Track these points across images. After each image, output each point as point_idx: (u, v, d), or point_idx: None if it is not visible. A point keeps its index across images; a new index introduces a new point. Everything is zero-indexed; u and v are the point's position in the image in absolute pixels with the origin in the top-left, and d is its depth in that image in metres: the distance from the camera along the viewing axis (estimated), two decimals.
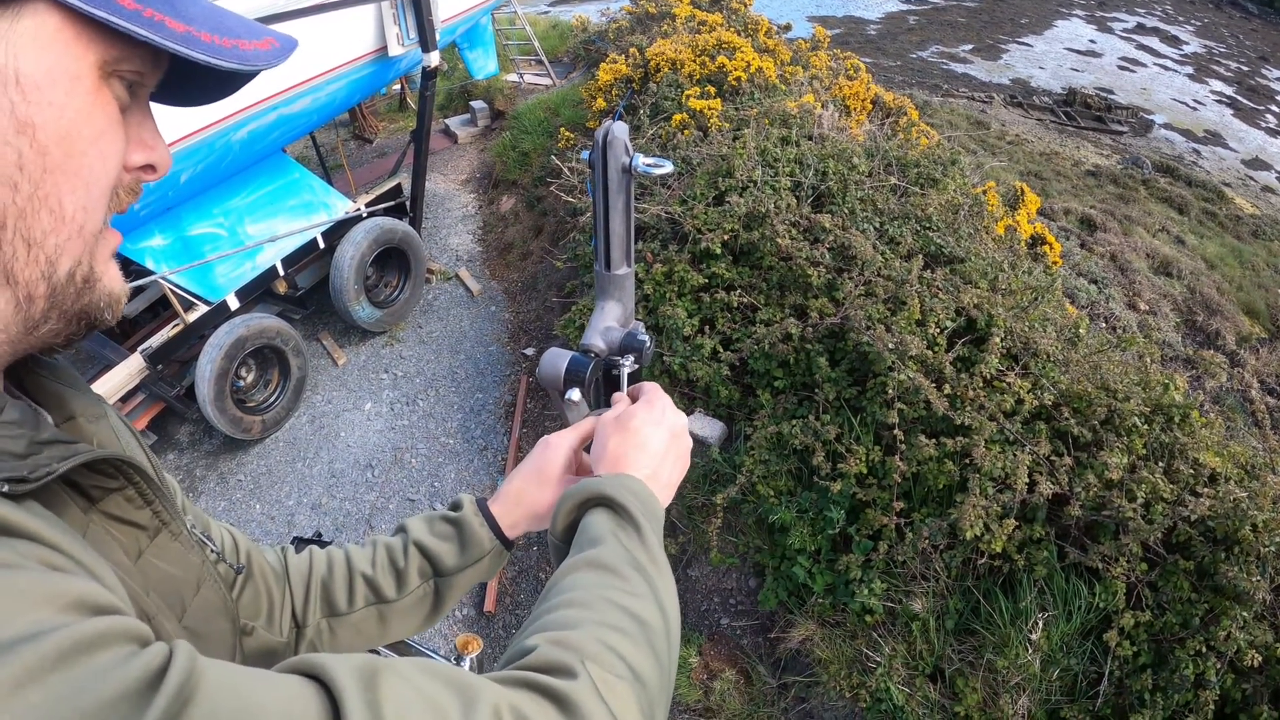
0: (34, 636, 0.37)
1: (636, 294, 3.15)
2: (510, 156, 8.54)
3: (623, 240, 1.04)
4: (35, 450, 0.51)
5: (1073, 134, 15.94)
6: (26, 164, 0.51)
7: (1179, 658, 2.41)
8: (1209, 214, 11.91)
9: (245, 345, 5.20)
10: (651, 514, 0.81)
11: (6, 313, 0.54)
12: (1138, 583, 2.60)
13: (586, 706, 0.54)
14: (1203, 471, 2.73)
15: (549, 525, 0.98)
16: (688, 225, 3.80)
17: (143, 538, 0.66)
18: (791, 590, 3.31)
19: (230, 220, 5.47)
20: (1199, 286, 8.43)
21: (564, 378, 1.03)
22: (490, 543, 1.00)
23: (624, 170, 0.97)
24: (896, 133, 5.01)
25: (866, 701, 2.86)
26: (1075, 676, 2.65)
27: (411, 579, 1.00)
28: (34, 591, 0.40)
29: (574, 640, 0.60)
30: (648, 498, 0.82)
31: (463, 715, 0.48)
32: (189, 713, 0.38)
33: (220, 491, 5.35)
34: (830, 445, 3.04)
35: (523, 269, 7.26)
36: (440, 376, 6.24)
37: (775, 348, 3.31)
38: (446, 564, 1.00)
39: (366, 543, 1.04)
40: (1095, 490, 2.64)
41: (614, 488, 0.80)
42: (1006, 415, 2.87)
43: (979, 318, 3.14)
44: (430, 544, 1.00)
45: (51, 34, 0.51)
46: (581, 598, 0.67)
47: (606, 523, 0.77)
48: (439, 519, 1.03)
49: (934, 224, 3.74)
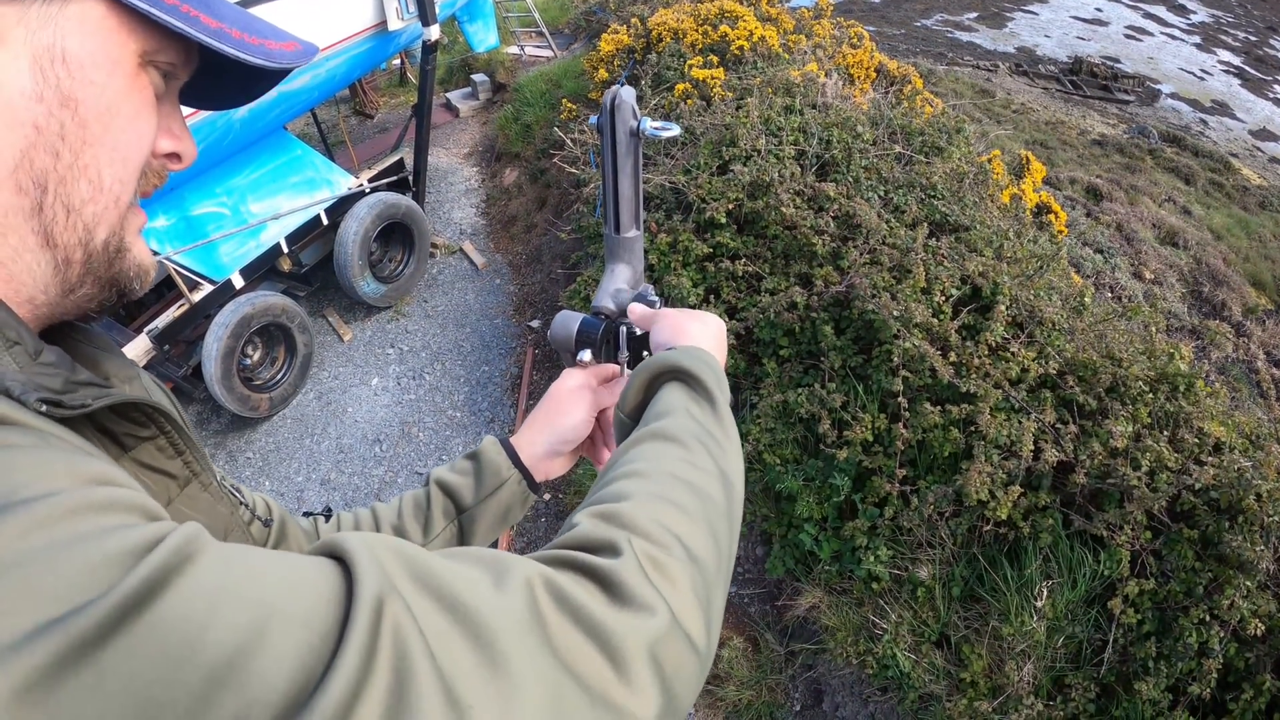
0: (48, 495, 0.39)
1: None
2: (512, 129, 8.50)
3: (631, 203, 1.05)
4: (71, 389, 0.53)
5: (1079, 103, 15.79)
6: (69, 135, 0.55)
7: (1183, 626, 2.42)
8: (1216, 185, 11.83)
9: (251, 323, 5.21)
10: (724, 387, 0.78)
11: (46, 274, 0.57)
12: (1142, 551, 2.61)
13: (630, 584, 0.50)
14: (1207, 441, 2.73)
15: (583, 438, 1.03)
16: (692, 195, 3.78)
17: (173, 487, 0.67)
18: (798, 558, 3.33)
19: (233, 199, 5.47)
20: (1205, 257, 8.37)
21: (575, 339, 1.04)
22: (508, 470, 1.01)
23: (632, 133, 0.98)
24: (901, 101, 4.97)
25: (873, 668, 2.89)
26: (1080, 644, 2.67)
27: (437, 521, 1.01)
28: (59, 463, 0.42)
29: (623, 514, 0.56)
30: (720, 371, 0.80)
31: (493, 587, 0.46)
32: (178, 580, 0.38)
33: (230, 470, 5.38)
34: (836, 413, 3.05)
35: (527, 241, 7.25)
36: (446, 350, 6.26)
37: (781, 316, 3.30)
38: (465, 499, 1.01)
39: (397, 498, 1.05)
40: (1100, 458, 2.64)
41: (689, 359, 0.77)
42: (1012, 383, 2.88)
43: (984, 286, 3.14)
44: (450, 480, 1.02)
45: (97, 21, 0.56)
46: (640, 468, 0.64)
47: (680, 396, 0.74)
48: (462, 459, 1.05)
49: (939, 192, 3.73)
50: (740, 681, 3.36)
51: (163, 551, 0.38)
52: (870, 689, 3.03)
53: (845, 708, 3.15)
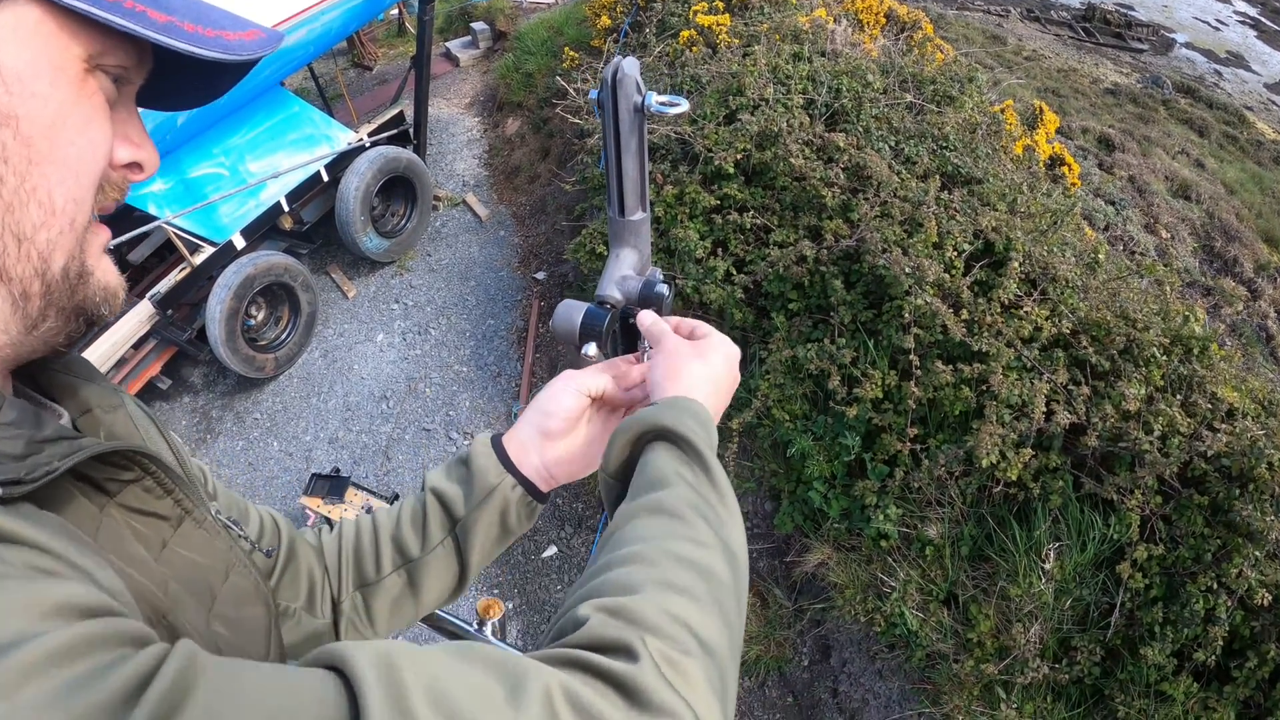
0: (9, 647, 0.35)
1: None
2: (514, 78, 8.34)
3: (637, 184, 0.96)
4: (35, 450, 0.49)
5: (1091, 50, 15.47)
6: (11, 156, 0.50)
7: (1190, 592, 2.42)
8: (1230, 138, 11.63)
9: (254, 284, 5.16)
10: (714, 443, 0.74)
11: (4, 312, 0.53)
12: (1152, 516, 2.59)
13: (650, 690, 0.47)
14: (1220, 406, 2.69)
15: (573, 462, 0.93)
16: (698, 145, 3.70)
17: (165, 528, 0.64)
18: (807, 514, 3.32)
19: (231, 159, 5.39)
20: (1218, 212, 8.25)
21: (579, 332, 0.96)
22: (497, 475, 0.90)
23: (636, 110, 0.89)
24: (911, 48, 4.84)
25: (881, 626, 2.90)
26: (1087, 606, 2.67)
27: (434, 534, 0.93)
28: (13, 599, 0.38)
29: (633, 610, 0.53)
30: (710, 425, 0.76)
31: (509, 701, 0.43)
32: (180, 716, 0.35)
33: (237, 431, 5.39)
34: (846, 369, 3.01)
35: (531, 192, 7.15)
36: (451, 304, 6.21)
37: (790, 270, 3.24)
38: (457, 509, 0.92)
39: (397, 504, 0.99)
40: (1113, 421, 2.61)
41: (676, 418, 0.72)
42: (1024, 342, 2.83)
43: (997, 241, 3.07)
44: (444, 489, 0.93)
45: (33, 26, 0.51)
46: (641, 552, 0.60)
47: (670, 461, 0.70)
48: (456, 462, 0.95)
49: (951, 143, 3.64)
50: (749, 636, 3.38)
51: (159, 688, 0.36)
52: (878, 646, 3.05)
53: (853, 663, 3.17)
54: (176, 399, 5.65)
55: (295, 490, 4.79)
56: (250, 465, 5.16)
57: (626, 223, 1.00)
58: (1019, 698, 2.62)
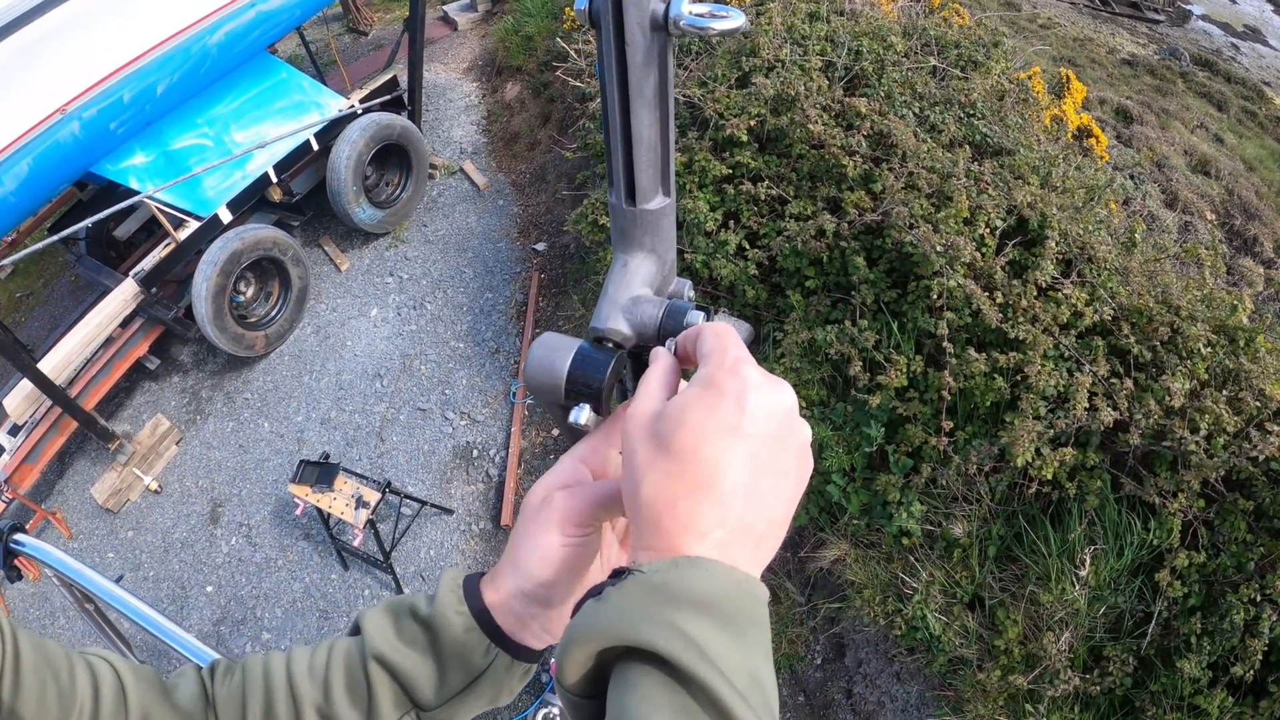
0: None
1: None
2: (513, 41, 8.06)
3: (655, 151, 0.59)
4: None
5: (1106, 20, 15.08)
6: None
7: (1230, 603, 2.27)
8: (1248, 113, 11.32)
9: (241, 259, 4.94)
10: (755, 621, 0.43)
11: None
12: (1194, 520, 2.41)
13: None
14: (1269, 404, 2.49)
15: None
16: (709, 110, 3.46)
17: None
18: (823, 507, 3.13)
19: (215, 129, 5.16)
20: (1237, 188, 8.00)
21: (564, 388, 0.59)
22: (484, 656, 0.61)
23: (655, 26, 0.52)
24: (932, 10, 4.59)
25: (901, 629, 2.72)
26: (1121, 614, 2.50)
27: (385, 713, 0.62)
28: None
29: None
30: (736, 606, 0.43)
31: None
32: None
33: (228, 412, 5.21)
34: (868, 354, 2.81)
35: (530, 159, 6.90)
36: (447, 277, 5.99)
37: (807, 244, 3.02)
38: (424, 694, 0.62)
39: (321, 645, 0.66)
40: (1156, 417, 2.41)
41: (651, 628, 0.40)
42: (1062, 328, 2.63)
43: (1032, 218, 2.85)
44: (397, 662, 0.62)
45: None
46: None
47: (657, 695, 0.40)
48: (407, 612, 0.64)
49: (979, 111, 3.41)
50: None
51: None
52: (897, 649, 2.88)
53: (869, 664, 3.01)
54: (166, 379, 5.48)
55: (285, 474, 4.61)
56: (241, 448, 4.98)
57: (639, 214, 0.62)
58: (1047, 709, 2.46)
